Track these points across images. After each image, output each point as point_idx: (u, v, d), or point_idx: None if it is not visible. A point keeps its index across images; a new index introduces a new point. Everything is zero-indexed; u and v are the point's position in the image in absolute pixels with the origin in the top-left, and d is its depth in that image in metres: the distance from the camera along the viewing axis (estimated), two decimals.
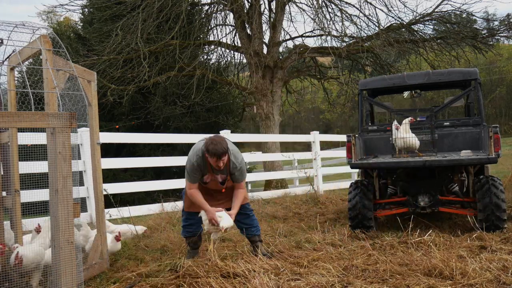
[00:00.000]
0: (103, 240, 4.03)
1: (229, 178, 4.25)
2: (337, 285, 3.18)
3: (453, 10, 12.32)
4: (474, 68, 5.84)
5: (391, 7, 12.25)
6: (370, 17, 12.47)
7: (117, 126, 12.61)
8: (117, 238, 4.30)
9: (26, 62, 3.77)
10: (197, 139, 9.74)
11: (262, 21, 12.87)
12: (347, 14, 11.98)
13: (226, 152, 4.02)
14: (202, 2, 13.87)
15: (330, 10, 12.07)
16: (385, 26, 12.33)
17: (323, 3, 11.93)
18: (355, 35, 12.61)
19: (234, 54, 14.17)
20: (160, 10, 11.25)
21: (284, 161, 12.98)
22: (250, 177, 11.98)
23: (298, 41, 14.08)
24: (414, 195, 5.25)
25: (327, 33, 11.69)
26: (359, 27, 12.38)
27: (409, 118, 5.54)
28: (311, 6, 12.27)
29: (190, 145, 14.83)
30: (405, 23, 12.26)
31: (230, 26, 13.33)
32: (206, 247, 4.71)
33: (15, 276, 3.24)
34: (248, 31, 12.68)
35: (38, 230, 3.94)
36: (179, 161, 9.61)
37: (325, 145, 17.55)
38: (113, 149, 11.97)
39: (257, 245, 4.38)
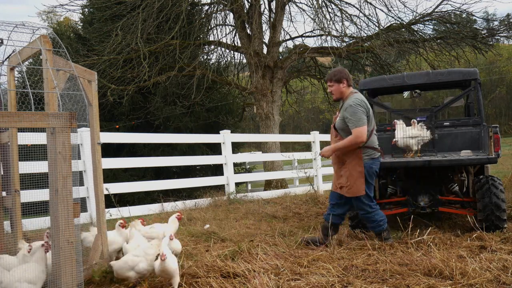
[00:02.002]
0: (104, 240, 4.03)
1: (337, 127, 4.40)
2: (337, 285, 3.18)
3: (453, 10, 12.35)
4: (474, 68, 5.84)
5: (391, 7, 12.30)
6: (370, 17, 12.51)
7: (117, 126, 12.60)
8: (179, 218, 4.30)
9: (26, 62, 3.77)
10: (197, 139, 9.77)
11: (262, 21, 12.88)
12: (347, 14, 12.00)
13: (333, 80, 4.35)
14: (202, 2, 13.90)
15: (330, 10, 12.09)
16: (385, 26, 12.35)
17: (323, 3, 11.94)
18: (355, 35, 12.62)
19: (234, 54, 14.19)
20: (160, 10, 11.26)
21: (284, 161, 12.99)
22: (250, 177, 12.00)
23: (298, 41, 14.12)
24: (414, 195, 5.25)
25: (327, 33, 11.70)
26: (359, 27, 12.41)
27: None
28: (311, 6, 12.30)
29: (190, 145, 14.74)
30: (405, 23, 12.27)
31: (230, 26, 13.35)
32: (207, 248, 4.72)
33: None
34: (248, 31, 12.68)
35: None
36: (179, 161, 9.64)
37: (324, 145, 17.52)
38: (113, 149, 11.96)
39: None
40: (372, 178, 4.45)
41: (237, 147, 14.55)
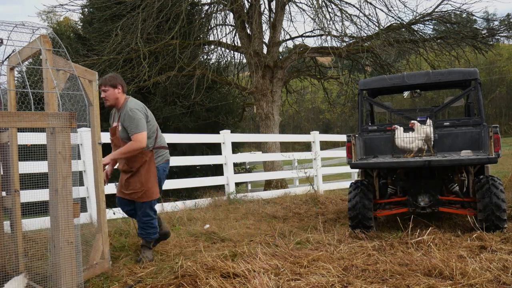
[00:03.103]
0: (105, 240, 4.03)
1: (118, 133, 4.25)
2: (337, 285, 3.18)
3: (453, 10, 12.33)
4: (474, 68, 5.84)
5: (391, 7, 12.30)
6: (370, 17, 12.48)
7: None
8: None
9: (26, 62, 3.77)
10: (197, 139, 9.78)
11: (262, 21, 12.87)
12: (347, 14, 11.99)
13: (108, 85, 4.10)
14: (202, 2, 13.88)
15: (330, 10, 12.08)
16: (385, 26, 12.34)
17: (323, 3, 11.93)
18: (355, 35, 12.62)
19: (234, 54, 14.19)
20: (160, 10, 11.25)
21: (284, 161, 12.99)
22: (250, 177, 12.00)
23: (298, 41, 14.11)
24: (414, 195, 5.25)
25: (327, 33, 11.69)
26: (359, 27, 12.39)
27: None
28: (311, 6, 12.29)
29: (190, 145, 14.69)
30: (405, 23, 12.27)
31: (230, 26, 13.34)
32: (207, 248, 4.72)
33: None
34: (248, 31, 12.68)
35: None
36: (179, 161, 9.61)
37: (324, 145, 17.57)
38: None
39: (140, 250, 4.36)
40: (163, 181, 4.45)
41: (237, 147, 14.54)
